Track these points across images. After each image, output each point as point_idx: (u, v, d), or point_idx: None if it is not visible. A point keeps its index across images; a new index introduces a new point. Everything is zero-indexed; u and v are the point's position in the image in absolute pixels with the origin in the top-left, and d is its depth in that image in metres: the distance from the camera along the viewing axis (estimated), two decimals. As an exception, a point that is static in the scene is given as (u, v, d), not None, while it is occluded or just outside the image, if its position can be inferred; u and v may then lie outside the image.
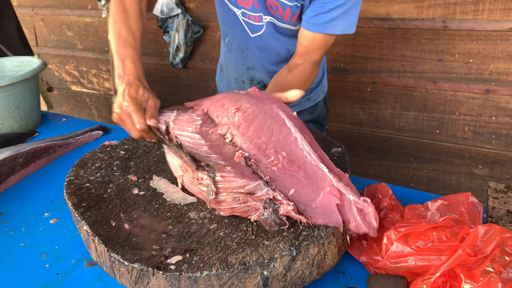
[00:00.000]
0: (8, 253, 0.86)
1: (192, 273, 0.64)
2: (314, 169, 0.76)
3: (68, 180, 0.91)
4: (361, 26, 2.10)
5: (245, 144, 0.79)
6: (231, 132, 0.81)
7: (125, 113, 0.88)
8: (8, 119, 1.38)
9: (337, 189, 0.73)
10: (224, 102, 0.87)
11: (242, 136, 0.80)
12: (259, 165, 0.77)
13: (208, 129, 0.84)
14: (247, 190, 0.74)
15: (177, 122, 0.86)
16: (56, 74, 3.46)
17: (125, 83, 0.91)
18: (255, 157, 0.77)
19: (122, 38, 0.99)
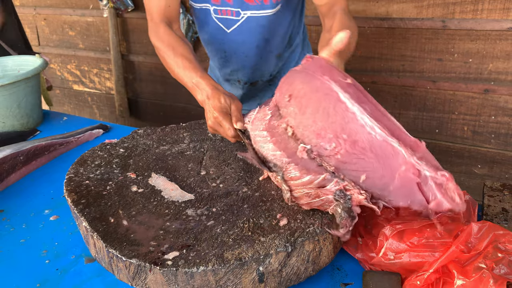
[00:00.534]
0: (8, 249, 0.88)
1: (188, 269, 0.65)
2: (382, 145, 0.66)
3: (68, 178, 0.92)
4: (361, 25, 2.11)
5: (305, 135, 0.73)
6: (290, 124, 0.76)
7: (216, 124, 0.94)
8: (10, 118, 1.39)
9: (413, 165, 0.64)
10: (282, 87, 0.81)
11: (300, 126, 0.74)
12: (323, 156, 0.71)
13: (276, 122, 0.79)
14: (316, 185, 0.69)
15: (254, 121, 0.85)
16: (58, 73, 3.47)
17: (206, 97, 0.97)
18: (317, 147, 0.71)
19: (181, 67, 1.07)
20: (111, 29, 2.92)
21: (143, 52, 2.95)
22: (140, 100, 3.13)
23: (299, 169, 0.71)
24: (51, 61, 3.44)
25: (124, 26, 2.96)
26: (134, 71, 3.05)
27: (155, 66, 2.93)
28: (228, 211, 0.79)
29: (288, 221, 0.74)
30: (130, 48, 2.99)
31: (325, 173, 0.69)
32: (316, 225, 0.73)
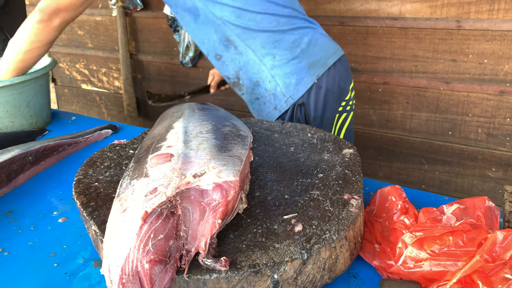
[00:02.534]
0: (16, 251, 0.86)
1: (201, 276, 0.63)
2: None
3: (76, 179, 0.90)
4: (373, 25, 2.08)
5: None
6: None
7: None
8: (19, 117, 1.38)
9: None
10: None
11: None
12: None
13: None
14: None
15: None
16: (67, 72, 3.48)
17: None
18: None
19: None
20: (120, 28, 2.91)
21: (152, 51, 2.94)
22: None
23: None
24: (59, 60, 3.44)
25: (133, 26, 2.95)
26: (142, 70, 3.04)
27: (164, 66, 2.92)
28: (239, 215, 0.77)
29: (303, 227, 0.72)
30: (139, 47, 2.98)
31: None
32: (332, 231, 0.70)
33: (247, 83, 1.39)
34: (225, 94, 2.67)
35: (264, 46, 1.32)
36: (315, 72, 1.34)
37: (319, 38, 1.39)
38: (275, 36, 1.32)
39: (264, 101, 1.41)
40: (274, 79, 1.34)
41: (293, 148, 1.01)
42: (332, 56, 1.37)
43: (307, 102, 1.36)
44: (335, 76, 1.37)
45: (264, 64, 1.33)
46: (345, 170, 0.89)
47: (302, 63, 1.33)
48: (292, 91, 1.34)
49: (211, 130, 0.92)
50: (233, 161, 0.78)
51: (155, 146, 0.85)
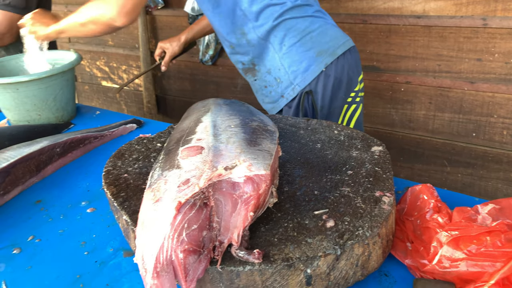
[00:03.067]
0: (47, 239, 0.87)
1: (234, 267, 0.63)
2: None
3: (106, 170, 0.91)
4: (396, 23, 2.05)
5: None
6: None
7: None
8: (46, 110, 1.40)
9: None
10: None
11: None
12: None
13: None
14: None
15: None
16: (87, 69, 3.52)
17: None
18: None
19: None
20: (141, 26, 2.93)
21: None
22: (168, 97, 3.14)
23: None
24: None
25: (153, 24, 2.97)
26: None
27: (184, 64, 2.93)
28: (270, 209, 0.77)
29: (335, 223, 0.71)
30: (159, 44, 3.00)
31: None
32: (365, 228, 0.69)
33: (263, 69, 1.41)
34: (245, 93, 2.68)
35: (276, 34, 1.33)
36: (323, 60, 1.34)
37: (329, 28, 1.39)
38: (287, 23, 1.33)
39: (271, 90, 1.42)
40: (283, 66, 1.35)
41: (320, 145, 1.00)
42: (341, 46, 1.37)
43: (315, 90, 1.36)
44: (344, 66, 1.37)
45: (276, 52, 1.34)
46: (375, 167, 0.87)
47: (310, 51, 1.33)
48: (300, 78, 1.35)
49: (239, 124, 0.92)
50: (263, 155, 0.77)
51: (185, 139, 0.85)
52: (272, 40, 1.33)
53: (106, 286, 0.75)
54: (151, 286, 0.60)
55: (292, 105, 1.39)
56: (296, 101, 1.38)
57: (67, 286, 0.75)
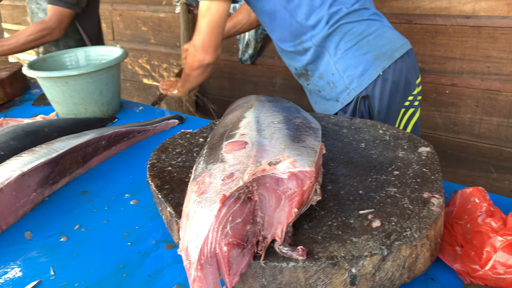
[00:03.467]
0: (92, 228, 0.90)
1: (278, 263, 0.62)
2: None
3: (150, 163, 0.93)
4: (443, 24, 1.99)
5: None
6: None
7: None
8: (92, 104, 1.44)
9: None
10: None
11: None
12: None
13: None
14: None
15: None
16: (129, 67, 3.61)
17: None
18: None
19: None
20: (183, 25, 2.98)
21: (212, 48, 2.98)
22: (207, 95, 3.17)
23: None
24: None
25: (195, 22, 3.01)
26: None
27: (223, 63, 2.95)
28: (312, 207, 0.75)
29: (381, 223, 0.69)
30: (200, 43, 3.03)
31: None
32: (413, 229, 0.67)
33: (315, 74, 1.39)
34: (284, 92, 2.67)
35: (332, 39, 1.31)
36: (380, 64, 1.30)
37: (386, 31, 1.35)
38: (343, 27, 1.30)
39: (325, 95, 1.40)
40: (338, 71, 1.33)
41: (364, 144, 0.98)
42: (399, 49, 1.33)
43: (372, 95, 1.32)
44: (402, 69, 1.33)
45: (331, 57, 1.32)
46: (423, 168, 0.85)
47: (367, 55, 1.30)
48: (356, 83, 1.32)
49: (282, 120, 0.91)
50: (307, 151, 0.76)
51: (229, 133, 0.85)
52: (328, 45, 1.32)
53: (149, 276, 0.76)
54: (194, 278, 0.60)
55: (347, 110, 1.37)
56: (352, 106, 1.35)
57: (111, 274, 0.77)
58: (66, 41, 2.06)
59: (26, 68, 1.43)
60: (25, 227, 0.92)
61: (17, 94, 1.82)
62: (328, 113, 1.42)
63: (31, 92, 1.89)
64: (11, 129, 1.15)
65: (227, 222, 0.63)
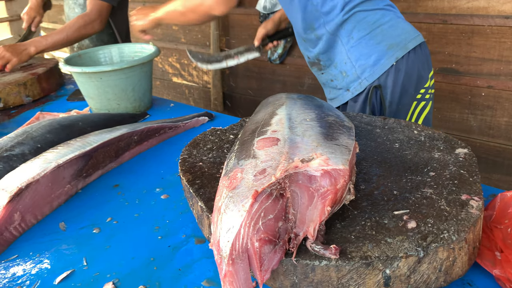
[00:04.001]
0: (124, 221, 0.91)
1: (310, 261, 0.61)
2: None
3: (182, 158, 0.93)
4: (480, 24, 1.92)
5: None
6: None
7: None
8: (124, 100, 1.47)
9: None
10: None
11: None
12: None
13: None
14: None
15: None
16: (160, 65, 3.67)
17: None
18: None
19: None
20: (213, 24, 3.00)
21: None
22: (235, 94, 3.19)
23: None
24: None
25: (225, 22, 3.03)
26: (231, 66, 3.11)
27: (252, 62, 2.96)
28: (345, 206, 0.74)
29: (417, 224, 0.67)
30: (230, 43, 3.05)
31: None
32: (451, 231, 0.64)
33: (327, 63, 1.38)
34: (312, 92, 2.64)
35: (345, 27, 1.29)
36: (393, 54, 1.28)
37: (400, 22, 1.33)
38: (357, 16, 1.28)
39: (337, 84, 1.39)
40: (350, 60, 1.31)
41: (398, 144, 0.96)
42: (412, 40, 1.31)
43: (384, 85, 1.30)
44: (414, 61, 1.30)
45: (343, 45, 1.30)
46: (460, 170, 0.82)
47: (381, 44, 1.28)
48: (368, 72, 1.30)
49: (315, 118, 0.90)
50: (341, 150, 0.75)
51: (260, 130, 0.84)
52: (341, 33, 1.30)
53: (179, 270, 0.76)
54: (225, 273, 0.60)
55: (358, 100, 1.35)
56: (363, 96, 1.33)
57: (142, 267, 0.78)
58: (99, 35, 2.11)
59: (63, 63, 1.47)
60: (59, 218, 0.95)
61: (53, 89, 1.87)
62: (338, 102, 1.42)
63: (66, 87, 1.94)
64: (47, 123, 1.18)
65: (259, 218, 0.62)
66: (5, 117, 1.60)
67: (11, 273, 0.78)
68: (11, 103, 1.68)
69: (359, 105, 1.35)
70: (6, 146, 1.04)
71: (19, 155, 1.03)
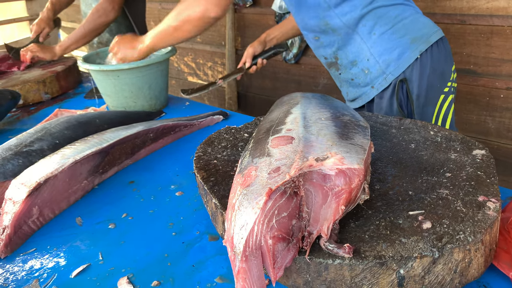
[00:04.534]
0: (139, 217, 0.92)
1: (323, 259, 0.61)
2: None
3: (197, 156, 0.94)
4: (500, 24, 1.89)
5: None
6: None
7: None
8: (141, 98, 1.49)
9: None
10: None
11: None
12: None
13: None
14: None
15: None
16: (175, 65, 3.69)
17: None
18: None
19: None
20: (228, 24, 3.01)
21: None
22: (249, 94, 3.19)
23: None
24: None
25: (240, 22, 3.03)
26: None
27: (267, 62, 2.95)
28: (359, 206, 0.74)
29: (432, 224, 0.66)
30: (245, 43, 3.06)
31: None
32: (467, 233, 0.64)
33: (345, 62, 1.37)
34: (327, 92, 2.63)
35: (365, 23, 1.28)
36: (417, 47, 1.27)
37: (420, 16, 1.33)
38: (378, 11, 1.28)
39: (358, 82, 1.38)
40: (373, 56, 1.30)
41: (414, 145, 0.95)
42: (434, 34, 1.30)
43: (410, 79, 1.29)
44: (437, 54, 1.30)
45: (364, 42, 1.29)
46: (477, 171, 0.81)
47: (404, 38, 1.27)
48: (393, 66, 1.29)
49: (330, 117, 0.90)
50: (356, 149, 0.75)
51: (275, 128, 0.85)
52: (360, 29, 1.29)
53: (192, 267, 0.77)
54: (239, 270, 0.60)
55: (383, 96, 1.33)
56: (389, 91, 1.32)
57: (156, 263, 0.78)
58: (117, 27, 2.13)
59: (81, 61, 1.50)
60: (76, 213, 0.96)
61: (71, 87, 1.90)
62: (363, 101, 1.41)
63: (83, 85, 1.97)
64: (65, 119, 1.20)
65: (273, 216, 0.62)
66: (24, 114, 1.63)
67: (29, 265, 0.80)
68: (30, 100, 1.72)
69: (386, 101, 1.34)
70: (26, 142, 1.06)
71: (38, 150, 1.05)
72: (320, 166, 0.68)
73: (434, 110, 1.34)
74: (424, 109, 1.32)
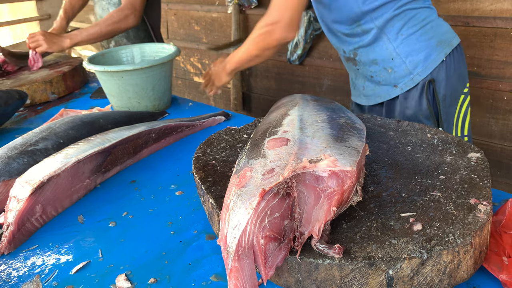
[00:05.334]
0: (139, 216, 0.94)
1: (314, 259, 0.63)
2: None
3: (196, 156, 0.96)
4: (503, 27, 1.89)
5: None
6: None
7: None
8: (144, 99, 1.51)
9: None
10: None
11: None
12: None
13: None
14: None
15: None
16: (182, 65, 3.72)
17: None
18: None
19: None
20: (234, 25, 3.03)
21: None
22: (254, 94, 3.21)
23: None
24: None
25: (246, 23, 3.05)
26: (251, 66, 3.14)
27: (271, 63, 2.97)
28: (352, 207, 0.75)
29: (422, 226, 0.68)
30: (250, 43, 3.07)
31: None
32: (456, 235, 0.65)
33: (364, 60, 1.39)
34: (331, 93, 2.64)
35: (394, 24, 1.31)
36: (442, 49, 1.32)
37: (442, 21, 1.38)
38: (408, 13, 1.30)
39: (379, 80, 1.39)
40: (399, 56, 1.32)
41: (410, 147, 0.96)
42: (455, 38, 1.36)
43: (437, 79, 1.33)
44: (458, 57, 1.36)
45: (391, 42, 1.32)
46: (471, 174, 0.82)
47: (431, 40, 1.31)
48: (420, 67, 1.32)
49: (326, 120, 0.91)
50: (350, 151, 0.76)
51: (271, 130, 0.86)
52: (388, 30, 1.31)
53: (189, 265, 0.79)
54: (231, 268, 0.62)
55: (409, 96, 1.36)
56: (416, 91, 1.34)
57: (154, 261, 0.80)
58: (135, 31, 2.13)
59: (86, 62, 1.52)
60: (78, 211, 0.99)
61: (77, 87, 1.93)
62: (380, 99, 1.43)
63: (89, 85, 2.00)
64: (70, 119, 1.22)
65: (265, 216, 0.64)
66: (31, 113, 1.66)
67: (31, 262, 0.82)
68: (37, 99, 1.75)
69: (414, 101, 1.36)
70: (31, 141, 1.09)
71: (42, 149, 1.07)
72: (313, 167, 0.70)
73: (456, 110, 1.39)
74: (449, 109, 1.37)
